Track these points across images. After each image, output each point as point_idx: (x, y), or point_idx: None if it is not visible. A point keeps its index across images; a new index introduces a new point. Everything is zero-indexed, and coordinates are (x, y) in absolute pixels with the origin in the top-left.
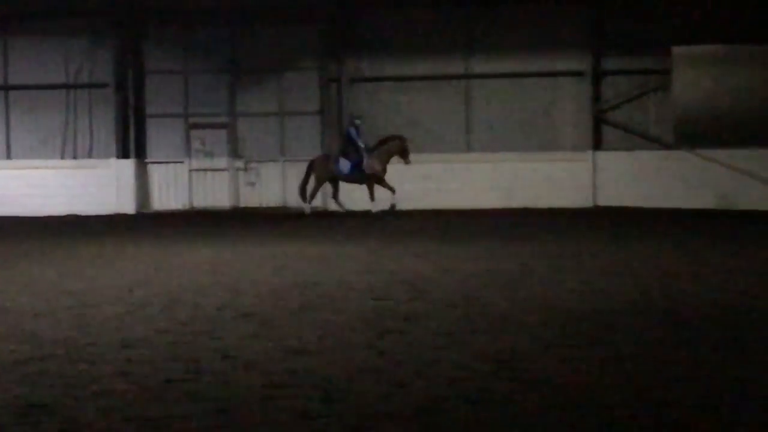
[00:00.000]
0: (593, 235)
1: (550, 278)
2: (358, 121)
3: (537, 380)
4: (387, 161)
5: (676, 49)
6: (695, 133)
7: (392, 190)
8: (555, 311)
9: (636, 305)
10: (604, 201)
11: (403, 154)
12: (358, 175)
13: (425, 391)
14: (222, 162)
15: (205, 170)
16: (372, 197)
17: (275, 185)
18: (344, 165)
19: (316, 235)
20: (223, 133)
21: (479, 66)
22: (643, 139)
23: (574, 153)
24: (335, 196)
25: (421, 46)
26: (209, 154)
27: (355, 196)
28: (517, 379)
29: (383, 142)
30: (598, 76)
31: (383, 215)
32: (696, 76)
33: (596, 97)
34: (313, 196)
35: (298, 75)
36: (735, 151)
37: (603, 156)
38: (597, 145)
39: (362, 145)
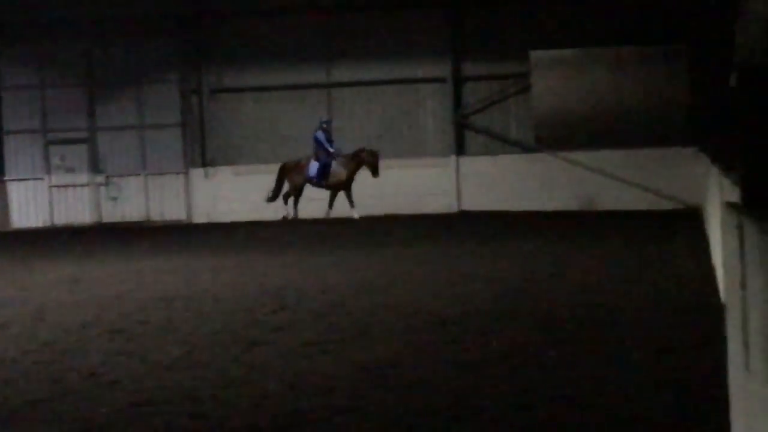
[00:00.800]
0: (458, 239)
1: (417, 283)
2: (325, 124)
3: (407, 387)
4: (354, 171)
5: (534, 54)
6: (555, 136)
7: (352, 204)
8: (423, 316)
9: (503, 308)
10: (468, 205)
11: (372, 168)
12: (324, 179)
13: (294, 402)
14: (83, 177)
15: (65, 186)
16: (330, 204)
17: (138, 199)
18: (313, 169)
19: (182, 249)
20: (83, 148)
21: (341, 74)
22: (504, 142)
23: (438, 159)
24: (295, 202)
25: (282, 55)
26: (69, 170)
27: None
28: (386, 387)
29: (355, 154)
30: (458, 82)
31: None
32: (554, 79)
33: (458, 103)
34: (296, 201)
35: (157, 87)
36: (594, 153)
37: (466, 161)
38: (460, 150)
39: (331, 150)
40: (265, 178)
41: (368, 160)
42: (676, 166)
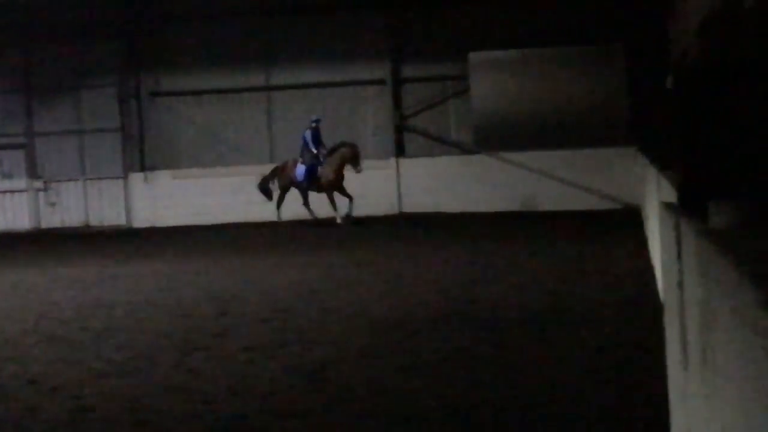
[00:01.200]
0: (399, 241)
1: (357, 287)
2: (314, 123)
3: (347, 390)
4: (340, 169)
5: (473, 55)
6: (494, 137)
7: (350, 197)
8: (363, 320)
9: (441, 311)
10: (409, 207)
11: (354, 162)
12: (313, 182)
13: (236, 407)
14: (21, 183)
15: (3, 192)
16: (333, 206)
17: (77, 205)
18: (300, 171)
19: (122, 254)
20: (20, 154)
21: (280, 77)
22: (444, 144)
23: (378, 161)
24: (305, 202)
25: (220, 59)
26: (7, 176)
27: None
28: (327, 391)
29: (334, 149)
30: (398, 84)
31: (346, 222)
32: (492, 80)
33: (397, 105)
34: (279, 203)
35: (95, 92)
36: (534, 154)
37: (406, 163)
38: (400, 152)
39: (314, 150)
40: (204, 181)
41: (348, 154)
42: (616, 166)
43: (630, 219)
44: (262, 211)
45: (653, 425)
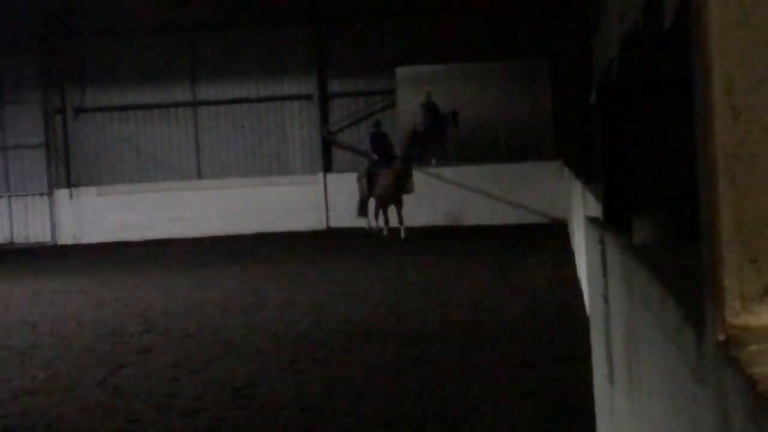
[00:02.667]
0: (326, 256)
1: (284, 302)
2: (374, 128)
3: (272, 406)
4: (392, 183)
5: (400, 70)
6: (422, 152)
7: (400, 219)
8: (289, 335)
9: (370, 325)
10: (336, 222)
11: (404, 180)
12: (372, 190)
13: (161, 424)
14: None
15: None
16: (375, 216)
17: (1, 221)
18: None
19: (47, 271)
20: None
21: (206, 92)
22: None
23: (305, 176)
24: (361, 212)
25: (146, 74)
26: None
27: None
28: (252, 407)
29: (390, 163)
30: (325, 99)
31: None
32: (419, 95)
33: (324, 120)
34: (360, 211)
35: (19, 107)
36: (460, 168)
37: (333, 177)
38: (327, 167)
39: (375, 157)
40: (131, 198)
41: (399, 170)
42: (542, 180)
43: (556, 233)
44: (186, 227)
45: None
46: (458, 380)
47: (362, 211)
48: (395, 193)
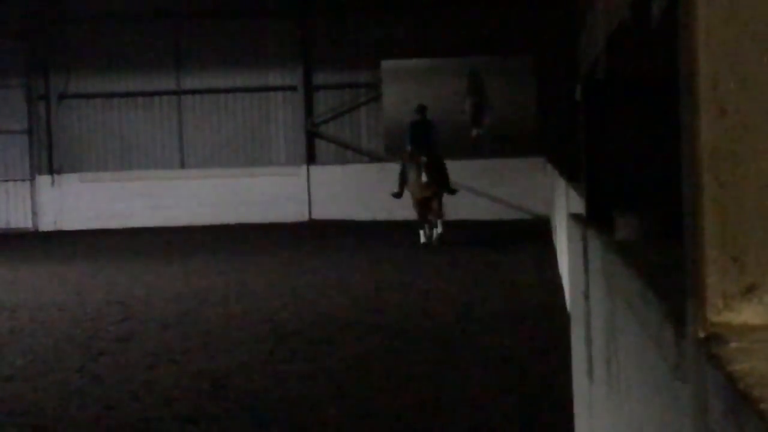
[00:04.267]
0: (307, 249)
1: (264, 293)
2: (417, 114)
3: (250, 397)
4: (420, 179)
5: (385, 63)
6: (406, 145)
7: (436, 222)
8: (269, 327)
9: (347, 319)
10: (319, 214)
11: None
12: (402, 187)
13: (138, 412)
14: None
15: None
16: (421, 221)
17: None
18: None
19: (27, 257)
20: None
21: (190, 81)
22: (355, 152)
23: (289, 167)
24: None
25: (130, 62)
26: None
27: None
28: (231, 398)
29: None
30: (309, 91)
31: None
32: (404, 89)
33: (309, 112)
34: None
35: (3, 92)
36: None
37: (317, 170)
38: (311, 159)
39: (408, 147)
40: (113, 185)
41: (422, 163)
42: (525, 176)
43: (539, 229)
44: (168, 216)
45: None
46: (438, 374)
47: (422, 216)
48: (424, 190)
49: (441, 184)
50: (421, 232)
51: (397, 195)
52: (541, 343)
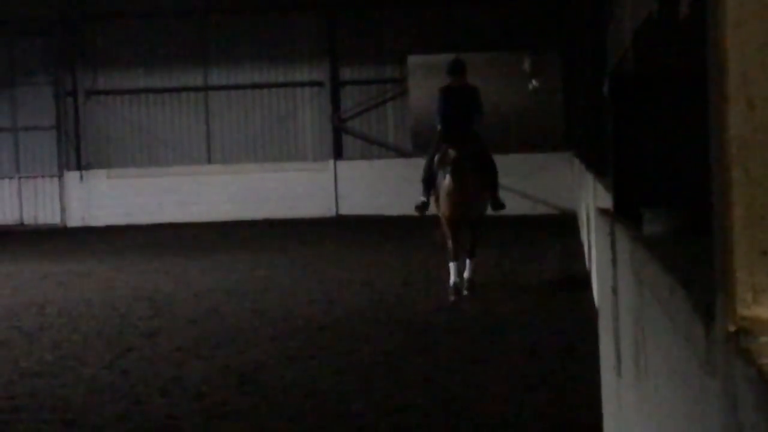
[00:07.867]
0: (335, 244)
1: (292, 289)
2: (451, 78)
3: (279, 392)
4: (453, 184)
5: (411, 58)
6: (431, 141)
7: (472, 252)
8: (297, 322)
9: (377, 314)
10: (346, 210)
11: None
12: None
13: (166, 407)
14: None
15: None
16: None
17: (11, 203)
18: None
19: (56, 253)
20: None
21: (217, 77)
22: (382, 147)
23: (316, 163)
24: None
25: (158, 58)
26: None
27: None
28: (259, 392)
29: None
30: (336, 86)
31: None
32: (430, 84)
33: (335, 107)
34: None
35: (31, 89)
36: None
37: (344, 165)
38: (338, 154)
39: (439, 127)
40: (140, 181)
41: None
42: (552, 171)
43: (566, 224)
44: (195, 212)
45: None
46: (464, 370)
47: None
48: (457, 206)
49: (480, 192)
50: (452, 266)
51: (423, 207)
52: (569, 338)
